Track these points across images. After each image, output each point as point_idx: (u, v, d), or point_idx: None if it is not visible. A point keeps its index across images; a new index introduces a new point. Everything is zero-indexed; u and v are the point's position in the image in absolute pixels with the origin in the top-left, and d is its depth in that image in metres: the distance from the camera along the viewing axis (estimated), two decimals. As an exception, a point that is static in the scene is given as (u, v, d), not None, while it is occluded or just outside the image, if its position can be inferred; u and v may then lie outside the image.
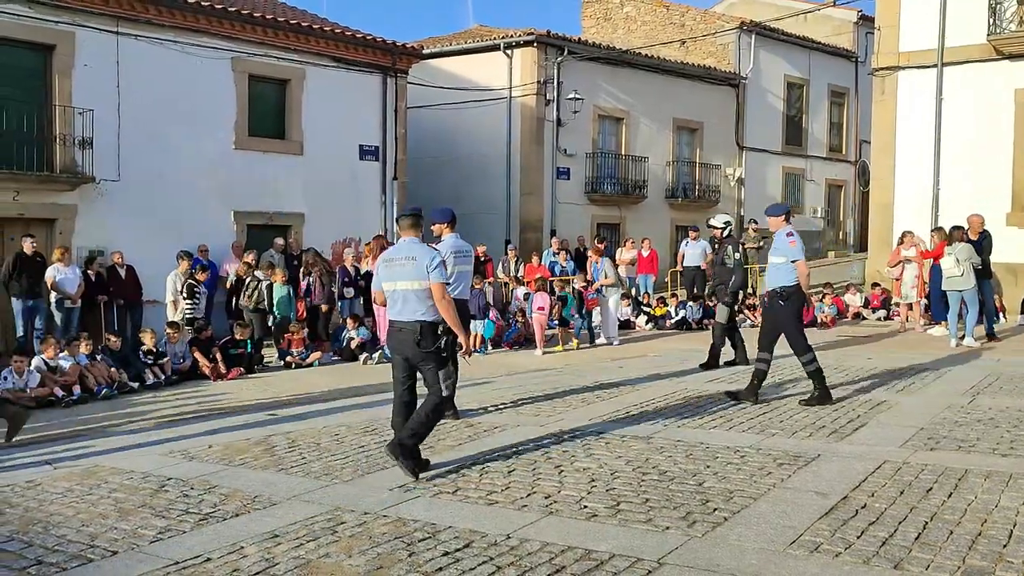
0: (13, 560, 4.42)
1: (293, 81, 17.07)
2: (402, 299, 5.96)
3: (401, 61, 18.69)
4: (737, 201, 26.59)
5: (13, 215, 13.77)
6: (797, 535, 4.42)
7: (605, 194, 22.92)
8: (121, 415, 9.29)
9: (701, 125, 25.58)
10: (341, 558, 4.27)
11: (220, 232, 15.70)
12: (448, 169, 22.11)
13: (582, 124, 22.33)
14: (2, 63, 13.70)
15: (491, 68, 21.94)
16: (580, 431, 7.07)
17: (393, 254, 6.22)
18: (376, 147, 18.38)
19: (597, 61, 22.82)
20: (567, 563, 4.10)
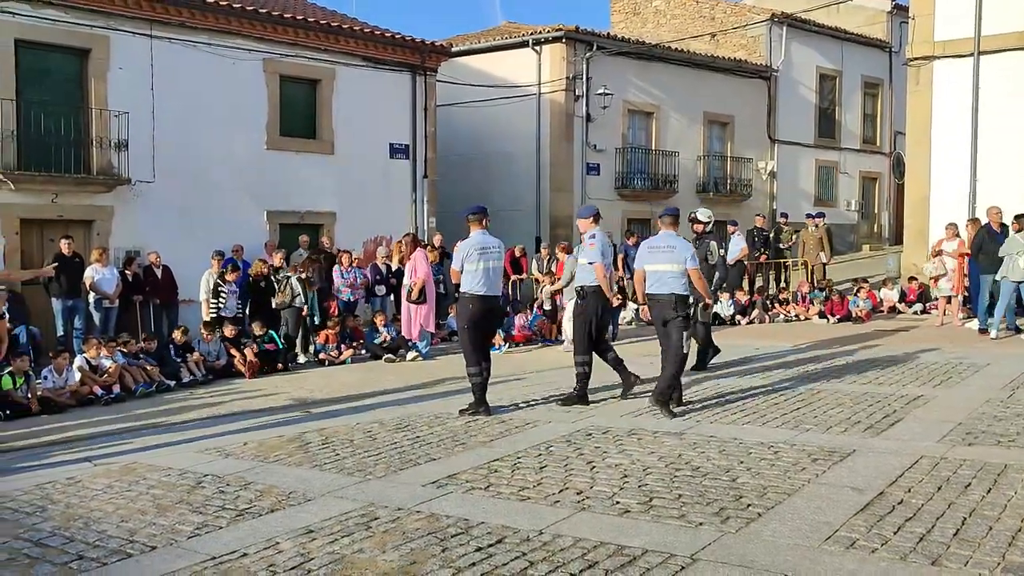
0: (56, 555, 4.51)
1: (324, 81, 17.19)
2: (661, 277, 7.74)
3: (430, 59, 18.75)
4: (769, 195, 26.34)
5: (52, 217, 14.03)
6: (832, 531, 4.38)
7: (635, 189, 22.81)
8: (158, 413, 9.43)
9: (732, 118, 25.36)
10: (375, 553, 4.30)
11: (253, 231, 15.86)
12: (477, 166, 22.14)
13: (612, 119, 22.25)
14: (40, 68, 13.97)
15: (520, 64, 21.92)
16: (611, 427, 7.06)
17: (656, 243, 8.01)
18: (406, 145, 18.46)
19: (626, 56, 22.71)
20: (600, 558, 4.10)
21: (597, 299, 8.32)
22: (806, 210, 23.56)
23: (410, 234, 14.07)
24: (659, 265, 7.81)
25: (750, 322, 15.95)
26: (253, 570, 4.15)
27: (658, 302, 7.81)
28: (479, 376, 7.92)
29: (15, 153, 13.42)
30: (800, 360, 10.78)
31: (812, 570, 3.89)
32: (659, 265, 7.81)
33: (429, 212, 18.77)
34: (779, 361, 10.73)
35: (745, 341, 12.99)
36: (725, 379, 9.38)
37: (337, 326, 13.43)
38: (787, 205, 24.81)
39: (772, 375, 9.61)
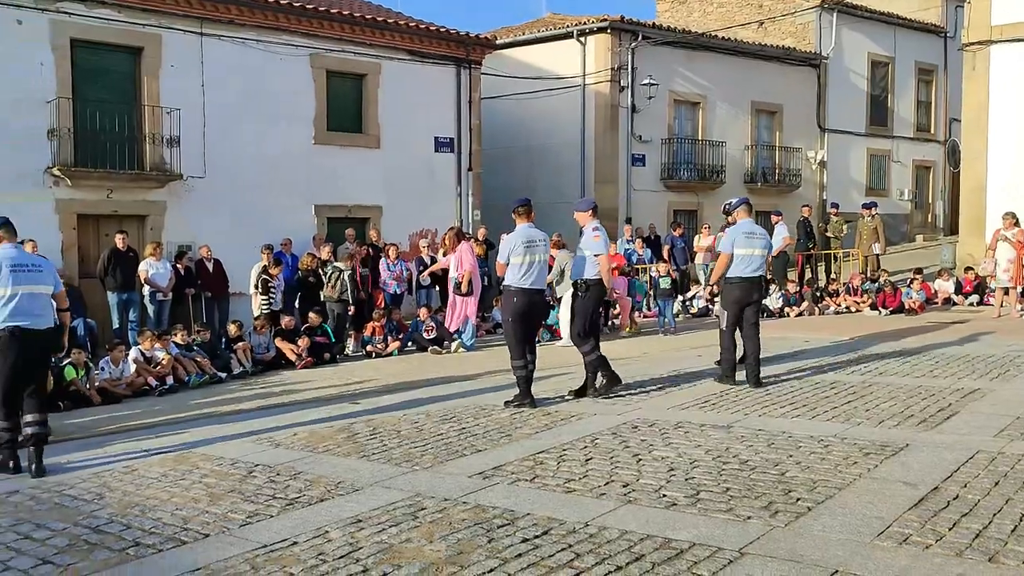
0: (114, 541, 4.63)
1: (369, 75, 17.32)
2: (759, 260, 8.48)
3: (475, 52, 18.78)
4: (819, 185, 25.91)
5: (107, 212, 14.39)
6: (885, 526, 4.30)
7: (682, 180, 22.61)
8: (210, 403, 9.62)
9: (781, 108, 24.98)
10: (422, 543, 4.34)
11: (302, 225, 16.07)
12: (521, 159, 22.13)
13: (657, 110, 22.07)
14: (95, 66, 14.31)
15: (564, 56, 21.84)
16: (658, 420, 7.02)
17: (752, 229, 8.69)
18: (451, 139, 18.53)
19: (672, 46, 22.49)
20: (646, 551, 4.08)
21: (598, 292, 8.24)
22: (857, 200, 23.15)
23: (454, 227, 14.12)
24: (755, 249, 8.50)
25: (799, 314, 15.72)
26: (303, 558, 4.21)
27: (748, 284, 8.48)
28: (524, 369, 7.93)
29: (72, 150, 13.78)
30: (851, 353, 10.59)
31: (863, 566, 3.83)
32: (755, 249, 8.50)
33: (473, 205, 18.82)
34: (829, 354, 10.56)
35: (794, 333, 12.81)
36: (773, 371, 9.25)
37: (383, 318, 13.55)
38: (837, 195, 24.36)
39: (822, 368, 9.47)
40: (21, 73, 13.37)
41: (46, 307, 6.53)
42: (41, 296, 6.48)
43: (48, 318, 6.54)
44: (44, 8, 13.59)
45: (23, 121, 13.35)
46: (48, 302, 6.58)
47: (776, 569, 3.82)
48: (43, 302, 6.50)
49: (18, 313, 6.29)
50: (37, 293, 6.44)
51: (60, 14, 13.74)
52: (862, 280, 16.69)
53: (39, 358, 6.53)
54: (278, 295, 13.59)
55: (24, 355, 6.32)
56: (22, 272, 6.38)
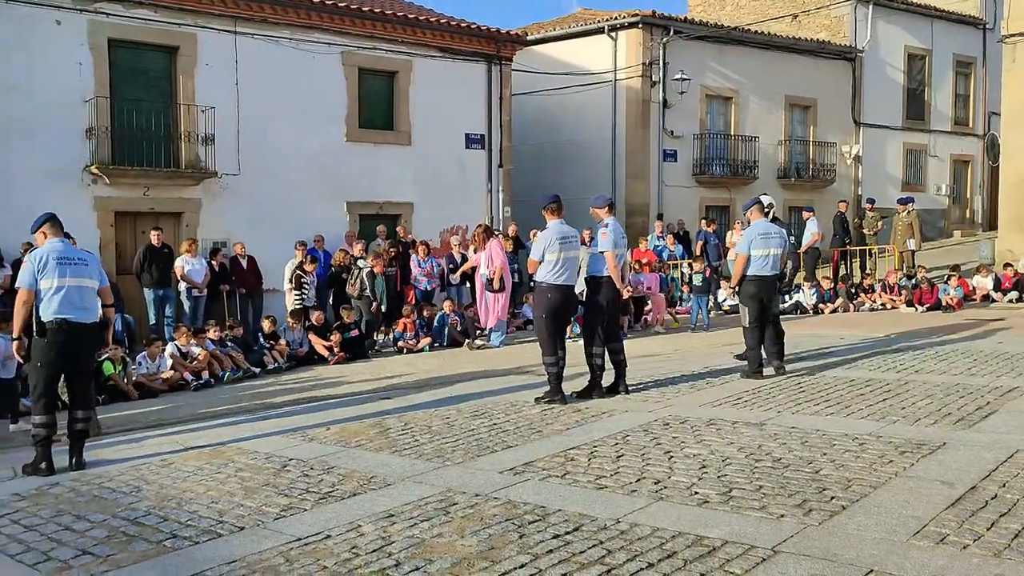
0: (151, 533, 4.71)
1: (401, 73, 17.39)
2: (773, 259, 8.81)
3: (505, 48, 18.78)
4: (854, 180, 25.57)
5: (144, 210, 14.61)
6: (921, 525, 4.25)
7: (714, 176, 22.44)
8: (245, 398, 9.73)
9: (815, 102, 24.68)
10: (454, 538, 4.36)
11: (334, 222, 16.19)
12: (552, 155, 22.10)
13: (689, 105, 21.91)
14: (132, 66, 14.54)
15: (595, 51, 21.77)
16: (689, 417, 6.98)
17: (768, 229, 8.99)
18: (482, 135, 18.55)
19: (704, 40, 22.32)
20: (678, 548, 4.07)
21: (609, 290, 8.18)
22: (893, 195, 22.84)
23: (482, 225, 14.14)
24: (771, 249, 8.84)
25: (834, 311, 15.54)
26: (336, 552, 4.25)
27: (765, 282, 8.84)
28: (556, 366, 7.93)
29: (109, 148, 14.00)
30: (886, 350, 10.45)
31: (899, 565, 3.78)
32: (771, 249, 8.84)
33: (504, 201, 18.84)
34: (864, 351, 10.43)
35: (829, 330, 12.68)
36: (807, 369, 9.17)
37: (414, 314, 13.63)
38: (873, 190, 24.03)
39: (856, 365, 9.36)
40: (60, 73, 13.61)
41: (92, 301, 6.57)
42: (87, 290, 6.51)
43: (93, 312, 6.57)
44: (82, 8, 13.81)
45: (62, 120, 13.60)
46: (94, 296, 6.60)
47: (810, 568, 3.79)
48: (89, 296, 6.54)
49: (65, 306, 6.33)
50: (84, 287, 6.46)
51: (98, 14, 13.96)
52: (898, 277, 16.46)
53: (84, 352, 6.55)
54: (311, 291, 13.72)
55: (69, 348, 6.37)
56: (69, 265, 6.40)
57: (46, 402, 6.37)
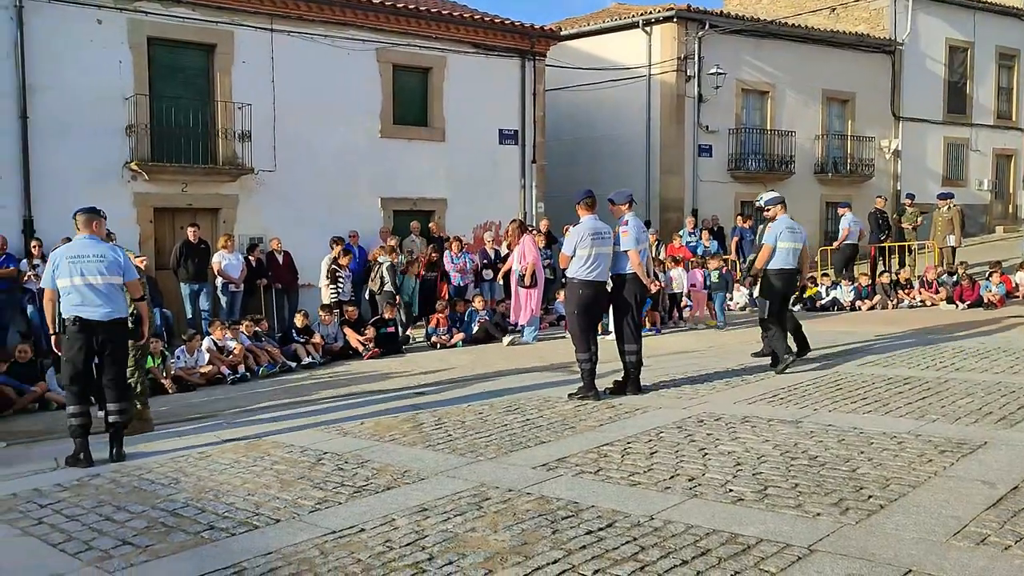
0: (189, 524, 4.78)
1: (435, 69, 17.45)
2: (796, 253, 9.01)
3: (539, 44, 18.75)
4: (893, 175, 25.18)
5: (182, 206, 14.82)
6: (961, 526, 4.17)
7: (749, 171, 22.22)
8: (280, 392, 9.84)
9: (853, 96, 24.33)
10: (487, 533, 4.37)
11: (369, 218, 16.30)
12: (585, 150, 22.04)
13: (725, 99, 21.72)
14: (171, 64, 14.75)
15: (629, 46, 21.65)
16: (724, 414, 6.92)
17: (793, 224, 9.16)
18: (515, 131, 18.55)
19: (740, 34, 22.10)
20: (712, 546, 4.04)
21: (635, 287, 8.14)
22: (933, 190, 22.44)
23: (516, 220, 14.14)
24: (796, 243, 9.06)
25: (871, 308, 15.33)
26: (370, 545, 4.28)
27: (789, 275, 9.06)
28: (589, 362, 7.91)
29: (149, 145, 14.22)
30: (926, 347, 10.28)
31: (938, 566, 3.72)
32: (796, 243, 9.06)
33: (537, 197, 18.82)
34: (903, 348, 10.27)
35: (866, 327, 12.50)
36: (844, 366, 9.05)
37: (447, 310, 13.68)
38: (913, 185, 23.64)
39: (895, 362, 9.22)
40: (101, 71, 13.85)
41: (112, 297, 6.52)
42: (104, 286, 6.47)
43: (112, 308, 6.51)
44: (123, 8, 14.03)
45: (103, 118, 13.84)
46: (115, 291, 6.55)
47: (847, 567, 3.74)
48: (107, 292, 6.49)
49: (79, 303, 6.41)
50: (96, 284, 6.43)
51: (138, 13, 14.18)
52: (938, 273, 16.17)
53: (107, 346, 6.54)
54: (346, 284, 13.82)
55: (88, 343, 6.43)
56: (81, 263, 6.44)
57: (75, 393, 6.50)
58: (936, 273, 16.10)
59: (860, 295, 15.60)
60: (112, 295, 6.54)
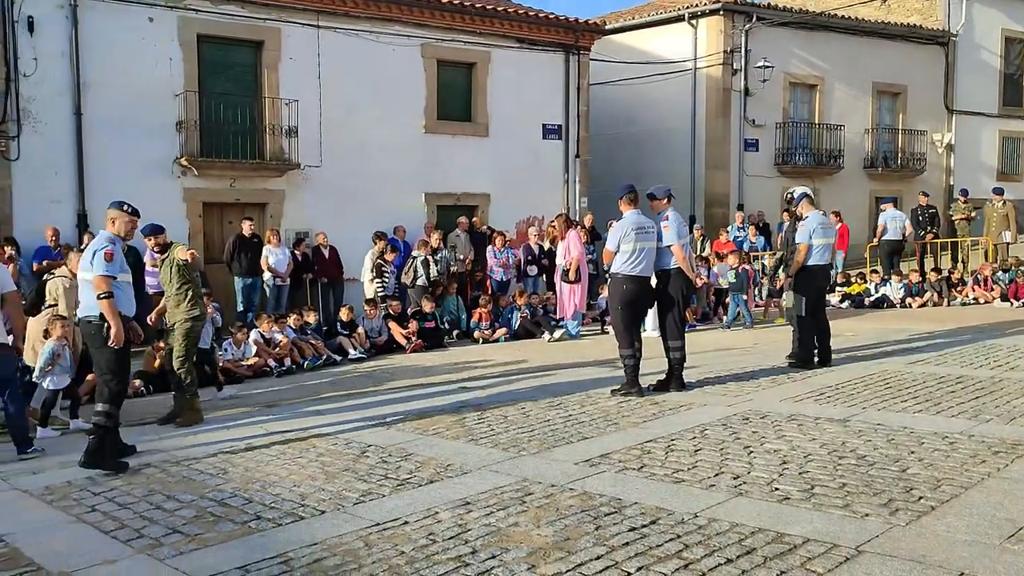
0: (236, 514, 4.86)
1: (479, 64, 17.46)
2: (829, 249, 9.10)
3: (584, 38, 18.66)
4: (946, 169, 24.60)
5: (230, 201, 15.05)
6: (1016, 528, 4.07)
7: (796, 165, 21.87)
8: (325, 385, 9.95)
9: (904, 88, 23.81)
10: (530, 528, 4.37)
11: (412, 213, 16.37)
12: (629, 145, 21.89)
13: (772, 93, 21.40)
14: (221, 61, 14.98)
15: (675, 40, 21.45)
16: (770, 412, 6.84)
17: (825, 221, 9.31)
18: (559, 126, 18.50)
19: (789, 26, 21.75)
20: (757, 545, 4.00)
21: (679, 282, 8.08)
22: (987, 185, 21.87)
23: (563, 214, 14.10)
24: (829, 239, 9.14)
25: (922, 305, 15.00)
26: (414, 538, 4.31)
27: (823, 271, 9.18)
28: (632, 358, 7.87)
29: (198, 141, 14.46)
30: (978, 346, 10.03)
31: (991, 569, 3.64)
32: (829, 239, 9.14)
33: (581, 192, 18.75)
34: (955, 346, 10.03)
35: (917, 325, 12.24)
36: (894, 364, 8.88)
37: (490, 304, 13.70)
38: (966, 180, 23.06)
39: (947, 361, 9.01)
40: (152, 68, 14.10)
41: (85, 292, 6.26)
42: (84, 281, 6.28)
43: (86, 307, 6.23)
44: (173, 6, 14.28)
45: (154, 114, 14.09)
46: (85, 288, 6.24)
47: (896, 569, 3.67)
48: (84, 288, 6.27)
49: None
50: (86, 280, 6.26)
51: (188, 11, 14.41)
52: (992, 270, 15.77)
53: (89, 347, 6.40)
54: (391, 279, 13.91)
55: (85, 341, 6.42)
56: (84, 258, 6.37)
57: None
58: (991, 270, 15.70)
59: (910, 292, 15.28)
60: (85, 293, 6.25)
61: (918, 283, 15.54)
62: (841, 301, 15.64)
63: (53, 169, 13.52)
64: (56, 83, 13.51)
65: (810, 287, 9.00)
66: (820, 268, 9.04)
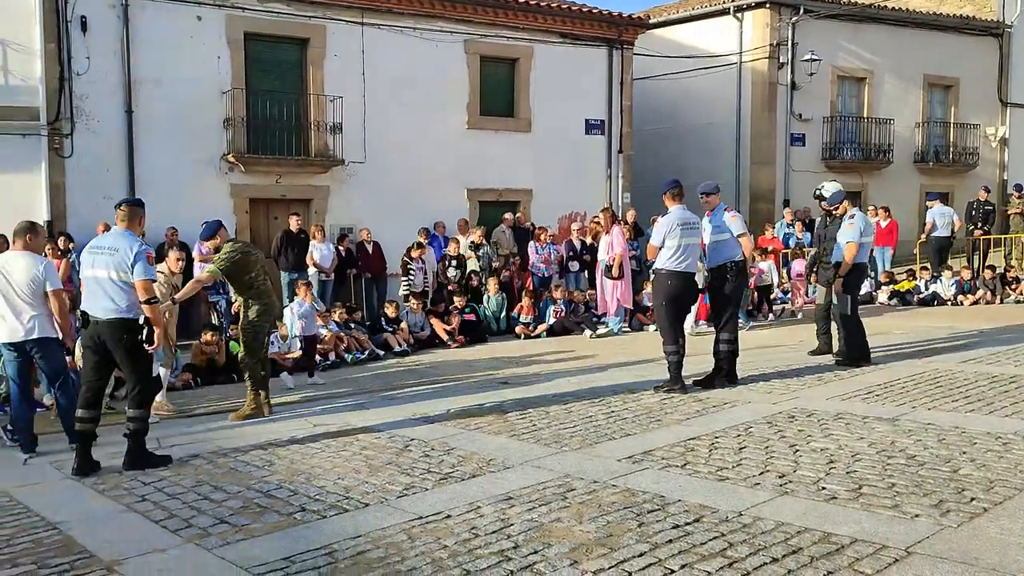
0: (282, 506, 4.93)
1: (522, 60, 17.45)
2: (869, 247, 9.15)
3: (627, 33, 18.55)
4: (999, 164, 24.01)
5: (276, 197, 15.25)
6: (1073, 533, 3.96)
7: (844, 160, 21.52)
8: (369, 379, 10.03)
9: (957, 81, 23.27)
10: (572, 523, 4.36)
11: (455, 209, 16.43)
12: (673, 140, 21.70)
13: (819, 87, 21.06)
14: (268, 58, 15.20)
15: (720, 33, 21.21)
16: (816, 410, 6.74)
17: (868, 219, 9.36)
18: (602, 121, 18.42)
19: (837, 18, 21.38)
20: (804, 544, 3.94)
21: (738, 276, 8.11)
22: (1043, 180, 21.27)
23: (608, 209, 13.99)
24: (871, 238, 9.30)
25: (974, 303, 14.66)
26: (457, 532, 4.33)
27: (864, 269, 9.30)
28: (676, 354, 7.80)
29: (245, 138, 14.67)
30: (1034, 345, 9.77)
31: (1048, 574, 3.54)
32: (871, 238, 9.30)
33: (623, 187, 18.65)
34: (1008, 345, 9.77)
35: (969, 323, 11.97)
36: (944, 363, 8.68)
37: (532, 297, 13.70)
38: (1021, 175, 22.47)
39: (1000, 360, 8.79)
40: (201, 67, 14.35)
41: (109, 294, 5.96)
42: (103, 281, 5.96)
43: (109, 306, 5.95)
44: (220, 4, 14.49)
45: (202, 111, 14.34)
46: (114, 288, 5.95)
47: (947, 571, 3.59)
48: (106, 288, 5.96)
49: (86, 297, 6.11)
50: (100, 278, 5.98)
51: (235, 9, 14.62)
52: (1048, 267, 15.36)
53: (112, 347, 5.99)
54: (418, 276, 13.90)
55: (93, 342, 6.03)
56: (96, 255, 6.05)
57: (85, 398, 6.13)
58: (1047, 267, 15.30)
59: (962, 289, 14.94)
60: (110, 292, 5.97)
61: (970, 280, 15.19)
62: (889, 298, 15.36)
63: (105, 166, 13.84)
64: (108, 81, 13.81)
65: (852, 285, 8.96)
66: (861, 267, 9.08)
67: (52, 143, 13.49)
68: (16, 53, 13.30)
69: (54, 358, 6.80)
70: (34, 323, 6.63)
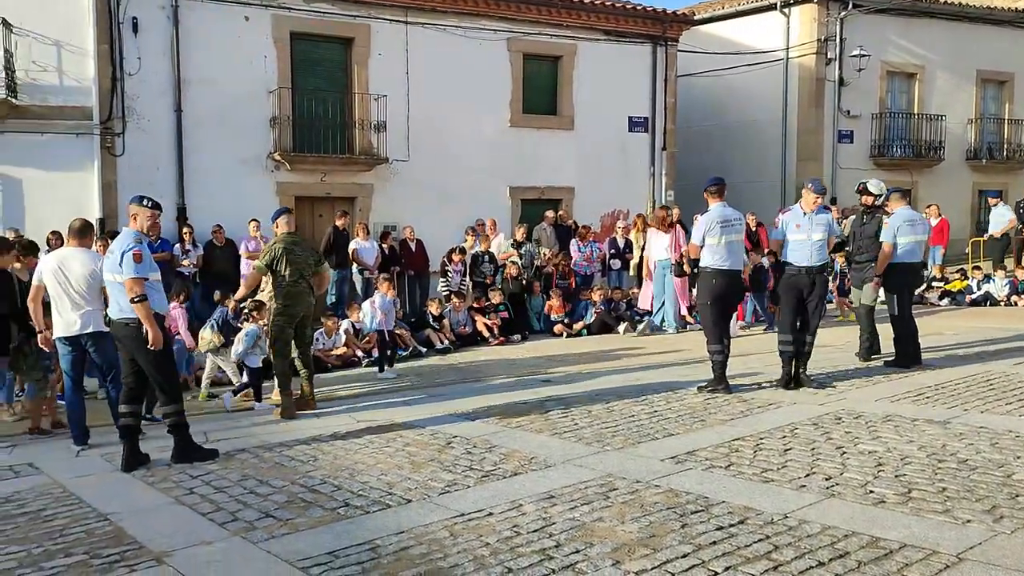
0: (326, 501, 4.98)
1: (565, 57, 17.40)
2: (915, 248, 8.73)
3: (671, 29, 18.40)
4: (1055, 161, 23.33)
5: (321, 195, 15.41)
6: None
7: (893, 158, 21.10)
8: (412, 376, 10.09)
9: (1012, 76, 22.67)
10: (614, 523, 4.34)
11: (497, 207, 16.45)
12: (717, 137, 21.48)
13: (868, 82, 20.68)
14: (313, 57, 15.37)
15: (766, 29, 20.93)
16: (864, 412, 6.62)
17: (912, 216, 8.88)
18: (645, 118, 18.29)
19: (887, 13, 20.96)
20: (851, 549, 3.87)
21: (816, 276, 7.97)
22: (1102, 177, 20.68)
23: (665, 207, 13.78)
24: (917, 236, 8.76)
25: (1029, 303, 14.29)
26: (499, 529, 4.34)
27: (913, 269, 8.91)
28: (721, 354, 7.72)
29: (291, 136, 14.86)
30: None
31: (1107, 584, 3.44)
32: (917, 236, 8.76)
33: (667, 185, 18.50)
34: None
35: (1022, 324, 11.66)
36: (997, 365, 8.47)
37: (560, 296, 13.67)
38: (1078, 172, 21.87)
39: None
40: (248, 66, 14.55)
41: (115, 295, 6.10)
42: (110, 283, 6.14)
43: (114, 307, 6.11)
44: (267, 4, 14.68)
45: (249, 110, 14.55)
46: (115, 289, 6.08)
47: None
48: (111, 289, 6.14)
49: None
50: (108, 280, 6.17)
51: (281, 9, 14.80)
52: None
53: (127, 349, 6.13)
54: (455, 278, 13.89)
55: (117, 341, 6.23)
56: (106, 258, 6.22)
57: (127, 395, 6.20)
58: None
59: (1016, 289, 14.57)
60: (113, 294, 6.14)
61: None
62: (940, 298, 15.03)
63: (155, 164, 14.10)
64: (158, 81, 14.07)
65: (901, 285, 8.75)
66: (909, 266, 8.77)
67: (104, 142, 13.78)
68: (70, 54, 13.61)
69: (107, 351, 6.94)
70: (88, 318, 6.80)
